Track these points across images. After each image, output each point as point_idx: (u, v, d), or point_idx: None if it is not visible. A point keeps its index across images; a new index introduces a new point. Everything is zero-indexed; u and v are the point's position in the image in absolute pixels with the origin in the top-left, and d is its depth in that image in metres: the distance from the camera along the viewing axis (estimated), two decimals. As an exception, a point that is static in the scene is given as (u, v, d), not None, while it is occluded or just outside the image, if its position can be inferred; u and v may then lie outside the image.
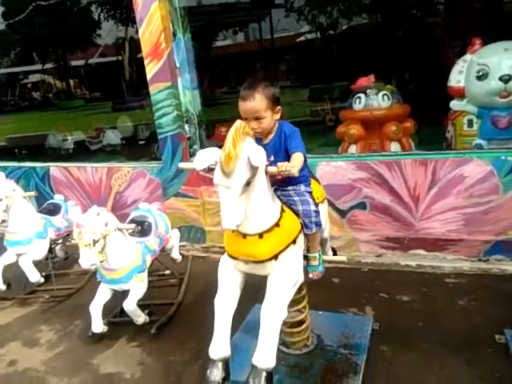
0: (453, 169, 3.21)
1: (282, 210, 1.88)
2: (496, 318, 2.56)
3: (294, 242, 1.91)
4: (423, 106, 4.90)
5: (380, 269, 3.41)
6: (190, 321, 2.98)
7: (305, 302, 2.27)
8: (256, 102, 1.87)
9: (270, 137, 1.99)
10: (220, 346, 1.83)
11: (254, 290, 2.08)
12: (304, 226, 1.99)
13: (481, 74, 3.59)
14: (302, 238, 1.99)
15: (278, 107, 1.95)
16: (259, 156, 1.60)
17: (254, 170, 1.63)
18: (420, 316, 2.70)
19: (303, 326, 2.30)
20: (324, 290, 2.44)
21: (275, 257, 1.83)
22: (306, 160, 1.96)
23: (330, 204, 3.54)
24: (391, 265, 3.44)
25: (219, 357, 1.82)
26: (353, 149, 4.43)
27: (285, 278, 1.86)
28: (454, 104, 3.94)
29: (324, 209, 2.27)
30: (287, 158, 1.90)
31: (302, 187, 2.03)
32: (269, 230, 1.80)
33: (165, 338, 2.81)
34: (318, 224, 2.03)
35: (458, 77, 3.82)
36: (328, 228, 2.41)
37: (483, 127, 3.72)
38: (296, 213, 1.97)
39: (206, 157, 1.66)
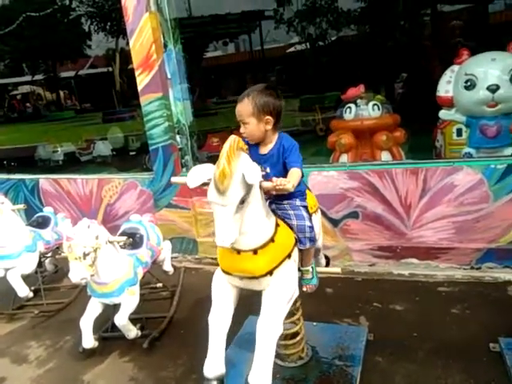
0: (443, 177, 3.24)
1: (277, 225, 1.85)
2: (490, 326, 2.56)
3: (288, 256, 1.89)
4: (413, 116, 4.96)
5: (373, 278, 3.41)
6: (183, 334, 2.94)
7: (299, 314, 2.25)
8: (242, 105, 1.87)
9: (269, 148, 1.96)
10: (215, 364, 1.81)
11: (248, 302, 2.06)
12: (298, 241, 1.96)
13: (469, 84, 3.64)
14: (296, 252, 1.97)
15: (268, 117, 1.88)
16: (254, 173, 1.58)
17: (248, 187, 1.61)
18: (414, 325, 2.69)
19: (298, 338, 2.28)
20: (318, 301, 2.43)
21: (270, 272, 1.81)
22: (302, 176, 1.93)
23: (323, 213, 3.53)
24: (384, 274, 3.44)
25: (214, 375, 1.80)
26: (344, 158, 4.46)
27: (280, 293, 1.84)
28: (443, 113, 4.00)
29: (317, 219, 2.27)
30: (283, 171, 1.89)
31: (298, 201, 2.00)
32: (263, 246, 1.78)
33: (157, 353, 2.76)
34: (312, 239, 2.00)
35: (446, 87, 3.88)
36: (321, 237, 2.41)
37: (472, 136, 3.77)
38: (290, 227, 1.95)
39: (199, 174, 1.63)
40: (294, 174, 1.82)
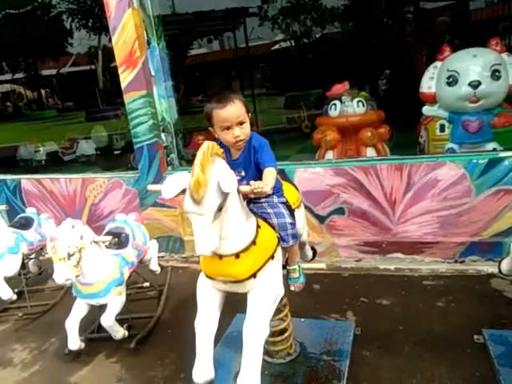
0: (427, 173, 3.28)
1: (258, 226, 1.84)
2: (474, 318, 2.62)
3: (272, 257, 1.87)
4: (397, 112, 5.01)
5: (360, 273, 3.43)
6: (171, 334, 2.92)
7: (286, 310, 2.26)
8: (237, 105, 1.84)
9: (239, 152, 1.93)
10: (203, 369, 1.80)
11: (235, 300, 2.06)
12: (280, 239, 1.95)
13: (451, 80, 3.69)
14: (279, 251, 1.95)
15: (250, 115, 1.92)
16: (230, 181, 1.54)
17: (225, 194, 1.58)
18: (400, 319, 2.72)
19: (286, 335, 2.28)
20: (305, 297, 2.44)
21: (254, 275, 1.80)
22: (278, 173, 1.92)
23: (309, 210, 3.56)
24: (371, 269, 3.47)
25: (204, 380, 1.79)
26: (330, 155, 4.48)
27: (265, 295, 1.83)
28: (426, 109, 4.04)
29: (301, 213, 2.27)
30: (258, 172, 1.87)
31: (275, 198, 1.98)
32: (245, 250, 1.76)
33: (145, 353, 2.74)
34: (295, 236, 1.99)
35: (429, 83, 3.92)
36: (306, 231, 2.41)
37: (455, 132, 3.82)
38: (272, 226, 1.93)
39: (174, 184, 1.57)
40: (270, 174, 1.80)
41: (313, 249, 2.62)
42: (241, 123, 1.85)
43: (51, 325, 3.17)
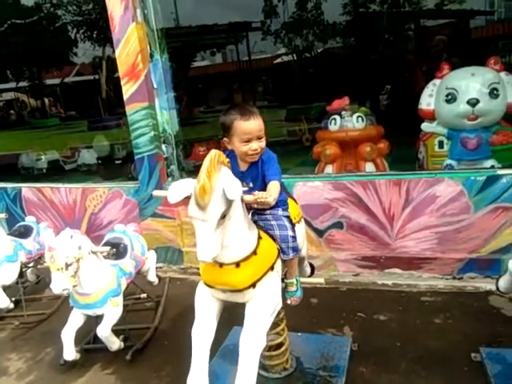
0: (425, 189, 3.29)
1: (259, 237, 1.86)
2: (471, 335, 2.60)
3: (271, 268, 1.89)
4: (397, 128, 5.04)
5: (358, 288, 3.43)
6: (167, 346, 2.91)
7: (283, 325, 2.25)
8: (259, 120, 1.89)
9: (249, 163, 1.97)
10: (198, 377, 1.80)
11: (232, 312, 2.06)
12: (281, 251, 1.97)
13: (449, 97, 3.73)
14: (279, 263, 1.98)
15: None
16: (235, 189, 1.58)
17: (229, 202, 1.61)
18: (397, 335, 2.71)
19: (282, 349, 2.27)
20: (302, 311, 2.43)
21: (253, 285, 1.82)
22: (282, 186, 1.96)
23: (308, 224, 3.57)
24: (368, 284, 3.47)
25: None
26: (329, 169, 4.50)
27: (263, 306, 1.84)
28: (425, 126, 4.07)
29: (301, 228, 2.28)
30: (264, 185, 1.90)
31: (280, 211, 2.01)
32: (246, 259, 1.79)
33: (141, 365, 2.72)
34: (295, 249, 2.01)
35: (428, 100, 3.97)
36: (305, 247, 2.42)
37: (453, 148, 3.85)
38: (273, 237, 1.95)
39: (180, 189, 1.62)
40: (274, 187, 1.83)
41: (311, 266, 2.63)
42: (259, 138, 1.90)
43: (47, 334, 3.16)
